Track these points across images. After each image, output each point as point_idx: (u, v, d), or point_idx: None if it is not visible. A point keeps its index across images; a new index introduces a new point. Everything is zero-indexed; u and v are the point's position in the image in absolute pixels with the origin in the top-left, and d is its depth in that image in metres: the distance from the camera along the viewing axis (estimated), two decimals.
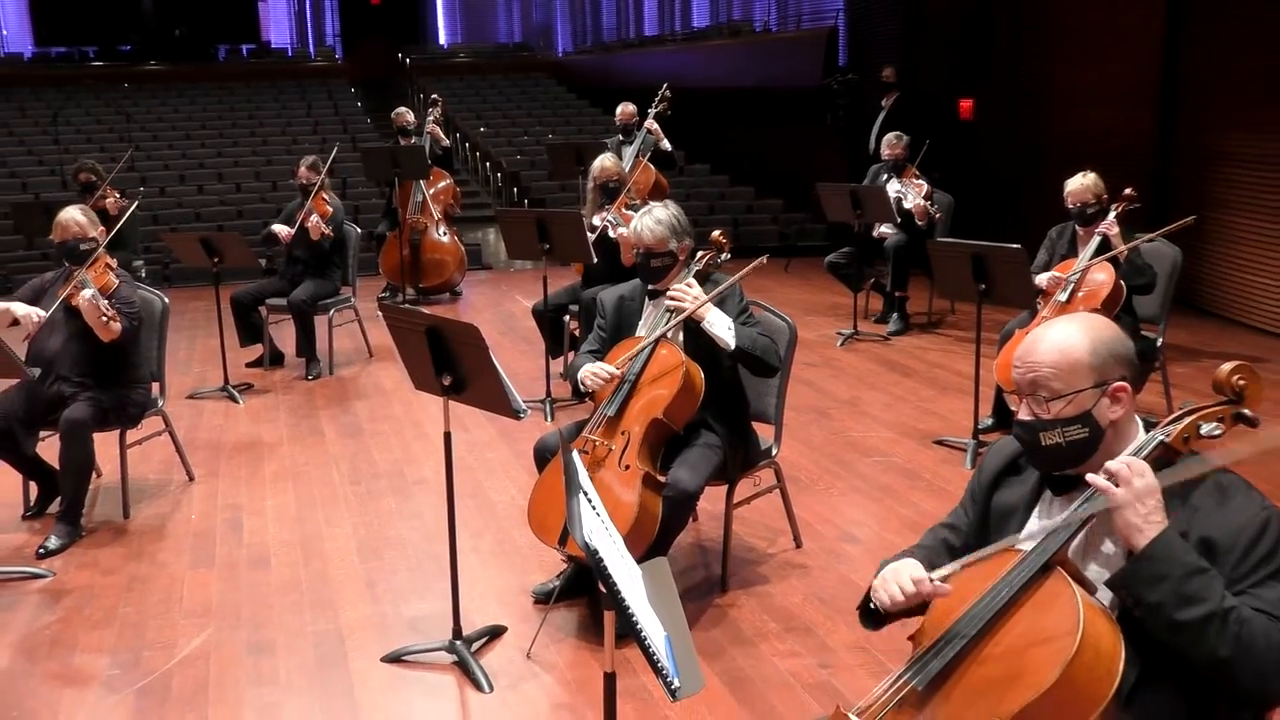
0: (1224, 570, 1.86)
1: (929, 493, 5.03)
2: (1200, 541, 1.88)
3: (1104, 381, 1.96)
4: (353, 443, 5.91)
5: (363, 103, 18.40)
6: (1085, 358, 1.96)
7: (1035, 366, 1.98)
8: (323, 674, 3.57)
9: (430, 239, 9.57)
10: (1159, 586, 1.82)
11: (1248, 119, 8.03)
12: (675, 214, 4.01)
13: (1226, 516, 1.89)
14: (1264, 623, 1.81)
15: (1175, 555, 1.83)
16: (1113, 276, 5.40)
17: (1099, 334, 1.98)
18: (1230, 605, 1.80)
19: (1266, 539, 1.87)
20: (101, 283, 4.71)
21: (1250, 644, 1.79)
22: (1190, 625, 1.80)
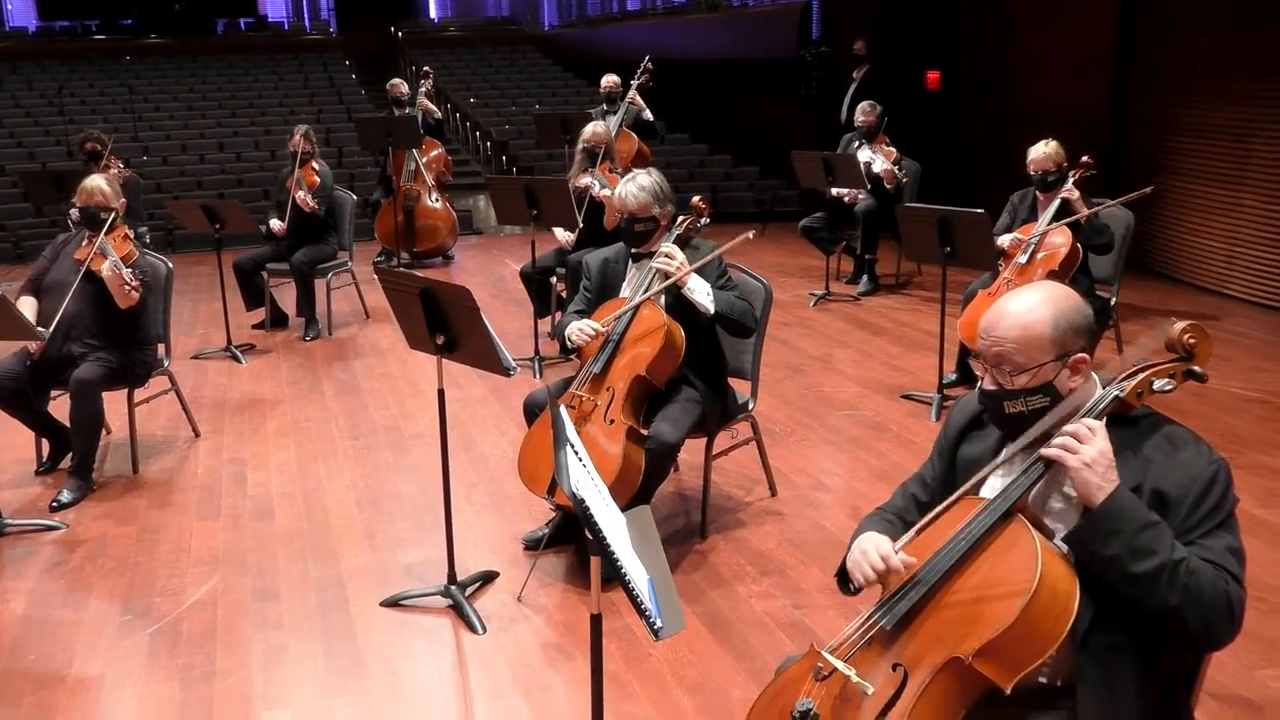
0: (1174, 521, 1.87)
1: (896, 444, 5.05)
2: (1152, 493, 1.89)
3: (1065, 354, 1.96)
4: (351, 400, 5.88)
5: (357, 75, 18.16)
6: (1048, 332, 1.95)
7: (1000, 341, 1.97)
8: (325, 618, 3.57)
9: (423, 205, 9.49)
10: (1112, 541, 1.83)
11: (1198, 90, 8.01)
12: (658, 181, 3.98)
13: (1177, 469, 1.90)
14: (1211, 572, 1.82)
15: (1127, 512, 1.83)
16: (1070, 239, 5.40)
17: (1061, 307, 1.97)
18: (1180, 557, 1.81)
19: (1214, 491, 1.88)
20: (123, 251, 4.66)
21: (1198, 592, 1.80)
22: (1143, 577, 1.81)
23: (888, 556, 1.99)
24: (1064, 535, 1.92)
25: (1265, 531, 4.06)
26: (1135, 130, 8.70)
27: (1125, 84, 8.80)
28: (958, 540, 1.95)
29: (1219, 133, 7.83)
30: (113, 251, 4.60)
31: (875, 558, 2.00)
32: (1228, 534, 1.87)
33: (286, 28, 23.38)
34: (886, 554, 1.99)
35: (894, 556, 1.98)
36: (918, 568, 1.98)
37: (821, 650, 2.03)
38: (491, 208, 7.64)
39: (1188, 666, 2.03)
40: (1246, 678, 3.13)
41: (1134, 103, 8.73)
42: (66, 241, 4.88)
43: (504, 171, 13.54)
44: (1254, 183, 7.56)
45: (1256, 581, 3.60)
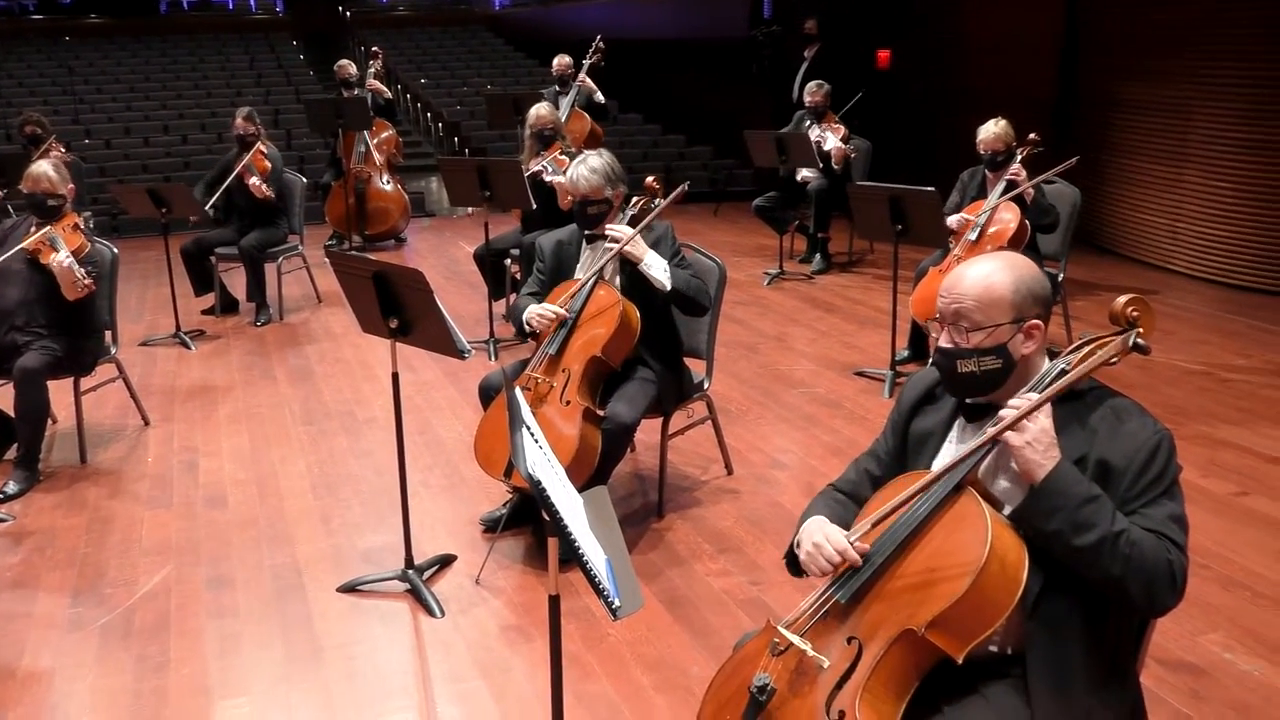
0: (1119, 490, 1.90)
1: (850, 420, 5.10)
2: (1098, 463, 1.92)
3: (1021, 318, 1.98)
4: (304, 385, 5.82)
5: (305, 56, 17.86)
6: (1007, 294, 1.97)
7: (960, 298, 1.99)
8: (281, 605, 3.54)
9: (374, 188, 9.38)
10: (1054, 517, 1.86)
11: (1142, 68, 8.12)
12: (609, 162, 3.96)
13: (1121, 440, 1.93)
14: (1152, 541, 1.86)
15: (1068, 487, 1.86)
16: (1018, 216, 5.47)
17: (1022, 274, 1.99)
18: (1120, 529, 1.84)
19: (1157, 461, 1.91)
20: (74, 244, 4.54)
21: (1140, 562, 1.84)
22: (1085, 549, 1.84)
23: (844, 550, 1.99)
24: (1009, 513, 1.95)
25: (1207, 500, 4.16)
26: (1081, 108, 8.82)
27: (1072, 63, 8.90)
28: (910, 514, 1.98)
29: (1161, 111, 7.96)
30: (63, 245, 4.48)
31: (830, 551, 2.00)
32: (1171, 502, 1.91)
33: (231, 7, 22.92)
34: (843, 547, 2.00)
35: (850, 550, 1.99)
36: (872, 542, 2.00)
37: (778, 626, 2.04)
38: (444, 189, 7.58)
39: (1133, 633, 2.08)
40: (1190, 643, 3.21)
41: (1080, 82, 8.84)
42: (14, 227, 4.74)
43: (456, 152, 13.41)
44: (1195, 160, 7.70)
45: (1199, 549, 3.70)
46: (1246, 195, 7.34)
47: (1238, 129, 7.35)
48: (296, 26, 20.19)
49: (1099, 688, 1.94)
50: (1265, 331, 6.45)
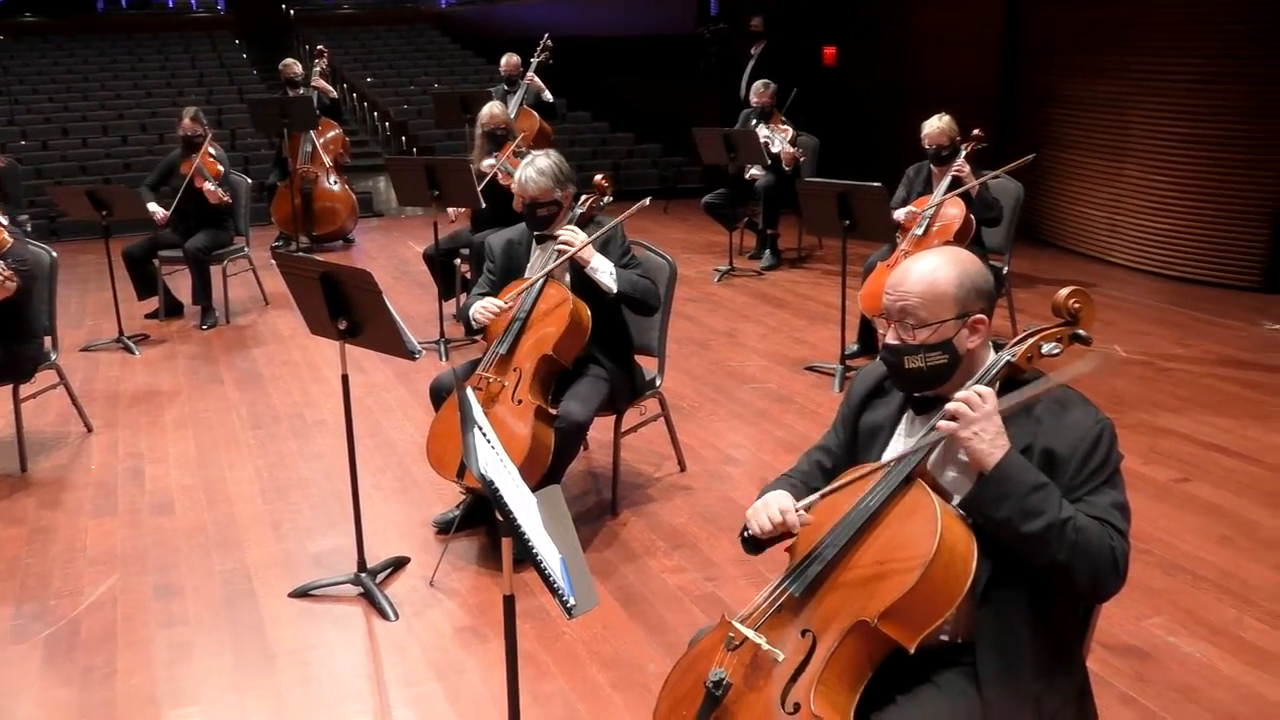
0: (1063, 479, 1.94)
1: (801, 415, 5.13)
2: (1043, 453, 1.95)
3: (965, 313, 2.01)
4: (252, 388, 5.74)
5: (248, 55, 17.58)
6: (951, 291, 1.99)
7: (905, 296, 2.02)
8: (232, 612, 3.49)
9: (321, 188, 9.27)
10: (1004, 504, 1.89)
11: (1081, 64, 8.27)
12: (557, 162, 3.94)
13: (1065, 429, 1.96)
14: (1097, 528, 1.89)
15: (1017, 475, 1.89)
16: (964, 210, 5.54)
17: (965, 269, 2.02)
18: (1067, 515, 1.88)
19: (1099, 451, 1.95)
20: None
21: (1085, 548, 1.87)
22: (1032, 536, 1.87)
23: (786, 510, 2.04)
24: (959, 501, 1.98)
25: (1149, 487, 4.25)
26: (1022, 103, 8.96)
27: (1013, 59, 9.04)
28: (861, 506, 2.00)
29: (1100, 106, 8.11)
30: None
31: (774, 510, 2.05)
32: (1113, 490, 1.95)
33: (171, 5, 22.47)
34: (785, 508, 2.04)
35: (791, 512, 2.03)
36: (824, 534, 2.02)
37: (733, 620, 2.05)
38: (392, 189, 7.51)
39: (1079, 619, 2.12)
40: (1135, 627, 3.28)
41: (1021, 78, 8.98)
42: None
43: (404, 152, 13.29)
44: (1134, 154, 7.85)
45: (1142, 535, 3.78)
46: (1184, 189, 7.51)
47: (1175, 124, 7.51)
48: (239, 25, 19.86)
49: (1047, 673, 1.98)
50: (1203, 322, 6.60)
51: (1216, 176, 7.31)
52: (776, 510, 2.04)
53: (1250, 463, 4.47)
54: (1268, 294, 7.08)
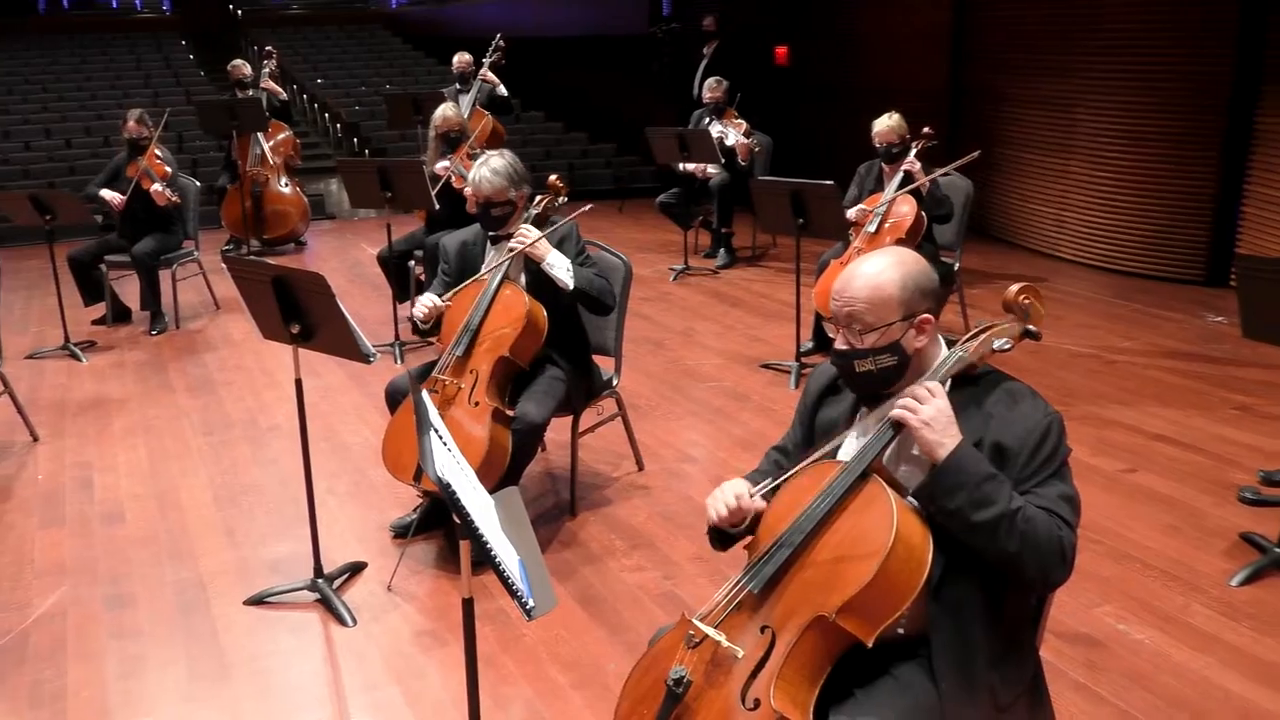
0: (1013, 471, 1.96)
1: (758, 413, 5.16)
2: (993, 446, 1.98)
3: (911, 315, 2.03)
4: (203, 394, 5.65)
5: (195, 56, 17.32)
6: (895, 294, 2.01)
7: (851, 301, 2.03)
8: (186, 621, 3.43)
9: (272, 191, 9.16)
10: (956, 495, 1.91)
11: (1027, 64, 8.40)
12: (511, 162, 3.93)
13: (1015, 422, 1.99)
14: (1045, 518, 1.92)
15: (969, 466, 1.92)
16: (915, 208, 5.60)
17: (909, 270, 2.04)
18: (1017, 506, 1.91)
19: (1048, 442, 1.98)
20: None
21: (1034, 538, 1.90)
22: (983, 526, 1.90)
23: (740, 496, 2.06)
24: (913, 491, 2.00)
25: (1098, 478, 4.32)
26: (971, 102, 9.08)
27: (962, 59, 9.16)
28: (818, 502, 2.01)
29: (1047, 104, 8.23)
30: None
31: (729, 496, 2.07)
32: (1061, 482, 1.98)
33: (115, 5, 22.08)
34: (740, 493, 2.07)
35: (746, 497, 2.05)
36: (782, 531, 2.03)
37: (692, 618, 2.06)
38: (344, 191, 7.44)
39: (1031, 608, 2.15)
40: (1086, 615, 3.34)
41: (970, 76, 9.10)
42: None
43: (356, 154, 13.18)
44: (1080, 151, 7.99)
45: (1092, 525, 3.85)
46: (1128, 185, 7.65)
47: (1119, 122, 7.65)
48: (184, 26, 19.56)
49: (1000, 663, 2.00)
50: (1148, 315, 6.73)
51: (1159, 173, 7.46)
52: (731, 496, 2.07)
53: (1195, 452, 4.57)
54: (1209, 287, 7.24)
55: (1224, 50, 7.02)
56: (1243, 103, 7.01)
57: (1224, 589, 3.48)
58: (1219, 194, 7.23)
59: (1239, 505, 4.06)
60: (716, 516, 2.09)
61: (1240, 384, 5.40)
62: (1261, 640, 3.19)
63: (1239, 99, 7.02)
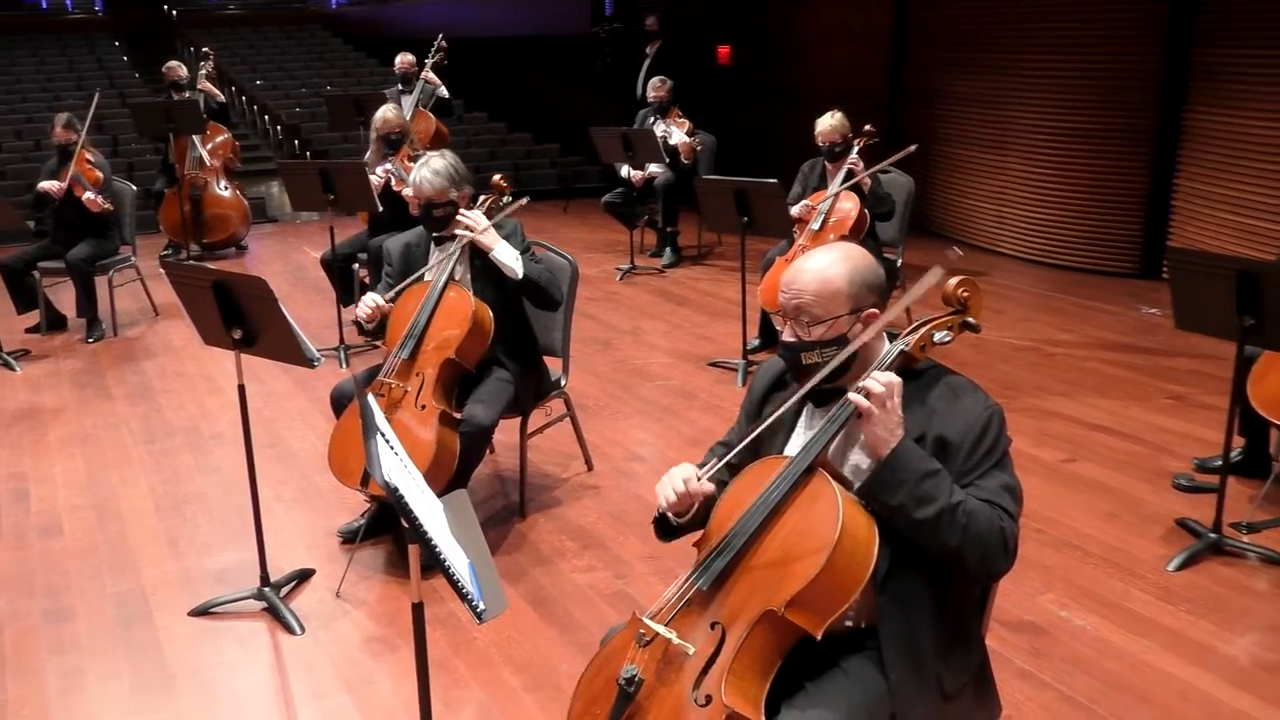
0: (955, 464, 1.99)
1: (706, 410, 5.18)
2: (936, 439, 2.01)
3: (858, 308, 2.05)
4: (143, 402, 5.54)
5: (129, 57, 16.97)
6: (843, 287, 2.04)
7: (799, 294, 2.05)
8: (128, 634, 3.36)
9: (211, 194, 9.00)
10: (899, 491, 1.93)
11: (964, 62, 8.53)
12: (452, 163, 3.90)
13: (957, 415, 2.02)
14: (987, 511, 1.96)
15: (911, 462, 1.94)
16: (858, 205, 5.66)
17: (857, 265, 2.07)
18: (958, 500, 1.94)
19: (989, 435, 2.02)
20: None
21: (976, 531, 1.93)
22: (925, 522, 1.92)
23: (689, 480, 2.06)
24: (857, 489, 2.02)
25: (1039, 468, 4.41)
26: (910, 100, 9.19)
27: (901, 58, 9.27)
28: (765, 498, 2.02)
29: (984, 102, 8.37)
30: None
31: (677, 481, 2.07)
32: (1003, 473, 2.01)
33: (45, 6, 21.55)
34: (688, 477, 2.07)
35: (694, 481, 2.06)
36: (730, 527, 2.04)
37: (643, 617, 2.06)
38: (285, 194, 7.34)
39: (976, 599, 2.19)
40: (1030, 604, 3.40)
41: (909, 75, 9.22)
42: None
43: (297, 156, 13.00)
44: (1017, 147, 8.13)
45: (1034, 514, 3.92)
46: (1064, 181, 7.80)
47: (1054, 119, 7.79)
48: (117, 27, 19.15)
49: (947, 653, 2.04)
50: (1085, 308, 6.87)
51: (1093, 169, 7.62)
52: (679, 480, 2.08)
53: (1132, 441, 4.67)
54: (1143, 280, 7.40)
55: (1154, 48, 7.19)
56: (1172, 100, 7.18)
57: (1161, 574, 3.56)
58: (1151, 189, 7.40)
59: (1175, 492, 4.17)
60: (665, 502, 2.09)
61: (1174, 374, 5.54)
62: (1197, 623, 3.27)
63: (1169, 96, 7.19)
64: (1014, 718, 2.83)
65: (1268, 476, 4.02)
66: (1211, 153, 6.95)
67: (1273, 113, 6.42)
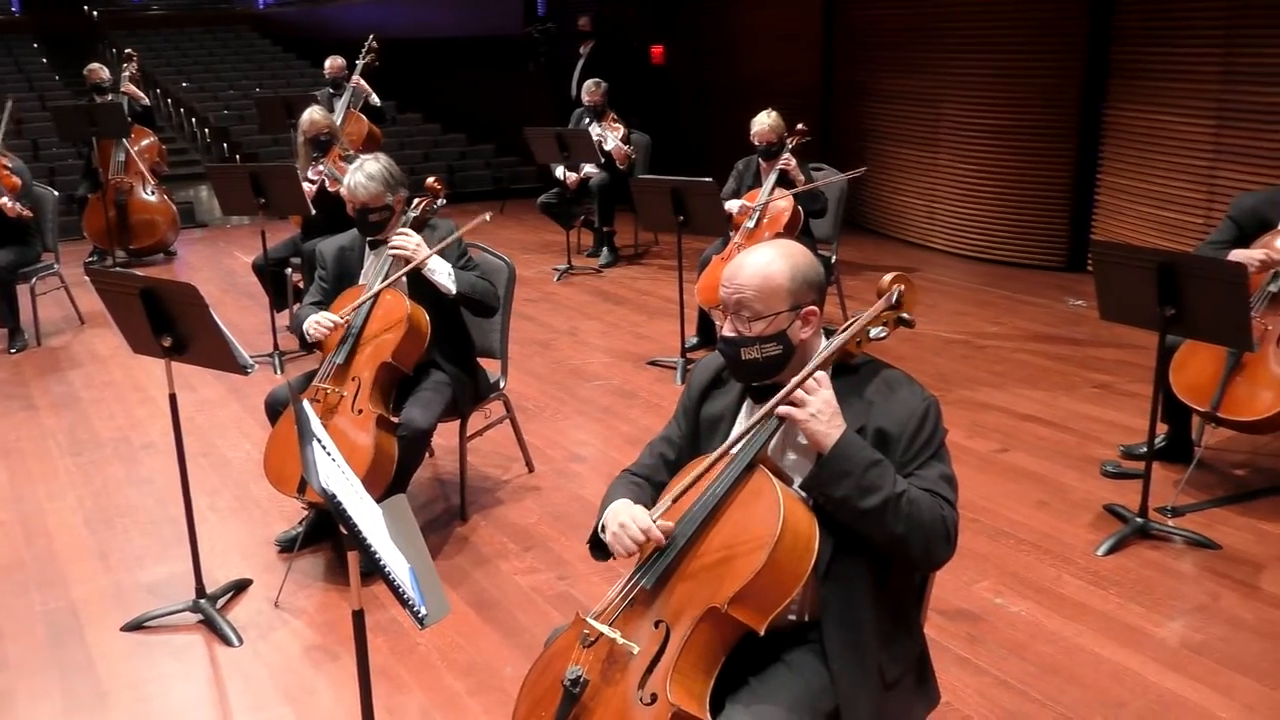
0: (895, 455, 2.02)
1: (646, 409, 5.19)
2: (875, 432, 2.03)
3: (798, 305, 2.06)
4: (70, 413, 5.39)
5: (49, 59, 16.50)
6: (785, 284, 2.05)
7: (740, 289, 2.06)
8: (58, 653, 3.27)
9: (137, 199, 8.78)
10: (843, 482, 1.95)
11: (895, 61, 8.64)
12: (386, 166, 3.85)
13: (894, 408, 2.05)
14: (929, 500, 1.99)
15: (854, 454, 1.96)
16: (792, 203, 5.71)
17: (797, 262, 2.08)
18: (901, 489, 1.96)
19: (927, 426, 2.04)
20: None
21: (919, 519, 1.96)
22: (870, 511, 1.94)
23: (648, 529, 2.02)
24: (800, 483, 2.04)
25: (972, 459, 4.48)
26: (842, 98, 9.30)
27: (832, 55, 9.37)
28: (706, 496, 2.03)
29: (914, 99, 8.49)
30: None
31: (635, 531, 2.02)
32: (940, 464, 2.04)
33: None
34: (647, 527, 2.02)
35: (653, 528, 2.02)
36: (672, 526, 2.04)
37: (586, 618, 2.06)
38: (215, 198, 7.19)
39: (916, 589, 2.22)
40: (966, 592, 3.46)
41: (840, 73, 9.32)
42: None
43: (226, 159, 12.76)
44: (946, 145, 8.26)
45: (968, 504, 3.98)
46: (992, 177, 7.94)
47: (982, 116, 7.93)
48: (36, 28, 18.62)
49: (888, 643, 2.06)
50: (1015, 301, 7.01)
51: (1020, 165, 7.77)
52: (638, 531, 2.02)
53: (1061, 430, 4.78)
54: (1070, 273, 7.57)
55: (1075, 47, 7.36)
56: (1093, 98, 7.36)
57: (1091, 559, 3.65)
58: (1075, 184, 7.58)
59: (1102, 479, 4.27)
60: (625, 552, 2.04)
61: (1100, 364, 5.68)
62: (1126, 606, 3.36)
63: (1089, 94, 7.37)
64: (952, 704, 2.87)
65: (1190, 461, 4.14)
66: (1131, 149, 7.13)
67: (1189, 109, 6.61)
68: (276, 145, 12.00)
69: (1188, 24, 6.62)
